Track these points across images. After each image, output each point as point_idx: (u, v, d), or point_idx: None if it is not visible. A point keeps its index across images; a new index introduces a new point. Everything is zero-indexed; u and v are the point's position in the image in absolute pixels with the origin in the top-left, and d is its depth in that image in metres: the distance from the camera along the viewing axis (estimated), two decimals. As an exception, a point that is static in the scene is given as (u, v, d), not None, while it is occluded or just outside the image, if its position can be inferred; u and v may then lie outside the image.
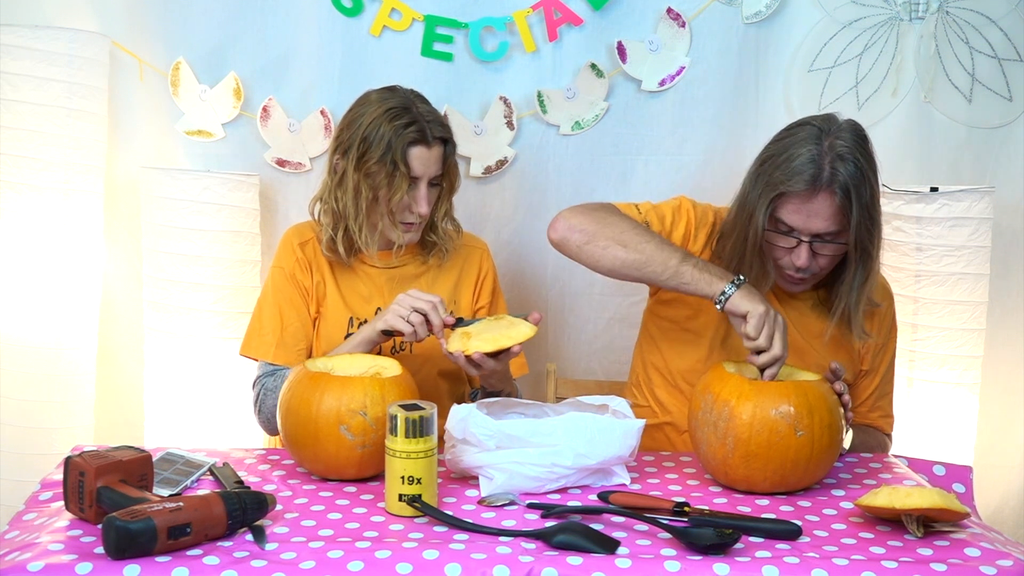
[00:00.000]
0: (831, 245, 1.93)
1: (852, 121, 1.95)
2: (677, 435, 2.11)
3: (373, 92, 2.10)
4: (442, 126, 2.08)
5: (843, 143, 1.89)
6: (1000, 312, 2.60)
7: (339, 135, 2.10)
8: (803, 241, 1.92)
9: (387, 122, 2.02)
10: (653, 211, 2.08)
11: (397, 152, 2.01)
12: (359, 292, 2.13)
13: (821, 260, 1.95)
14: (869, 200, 1.89)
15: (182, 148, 2.55)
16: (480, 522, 1.56)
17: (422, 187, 2.06)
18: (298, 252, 2.13)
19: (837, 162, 1.87)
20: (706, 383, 1.78)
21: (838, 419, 1.73)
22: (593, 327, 2.63)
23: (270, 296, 2.13)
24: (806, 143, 1.90)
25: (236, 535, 1.48)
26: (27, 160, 2.37)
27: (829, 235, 1.92)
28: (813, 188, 1.88)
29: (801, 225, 1.91)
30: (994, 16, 2.53)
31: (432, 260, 2.17)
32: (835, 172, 1.87)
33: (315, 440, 1.71)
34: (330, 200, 2.09)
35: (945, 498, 1.53)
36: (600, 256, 1.97)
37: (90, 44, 2.40)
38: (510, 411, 1.85)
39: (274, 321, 2.10)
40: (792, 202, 1.91)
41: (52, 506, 1.62)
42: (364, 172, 2.04)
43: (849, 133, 1.91)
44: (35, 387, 2.41)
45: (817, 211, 1.90)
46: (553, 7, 2.49)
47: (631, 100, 2.55)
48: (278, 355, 2.08)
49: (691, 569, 1.42)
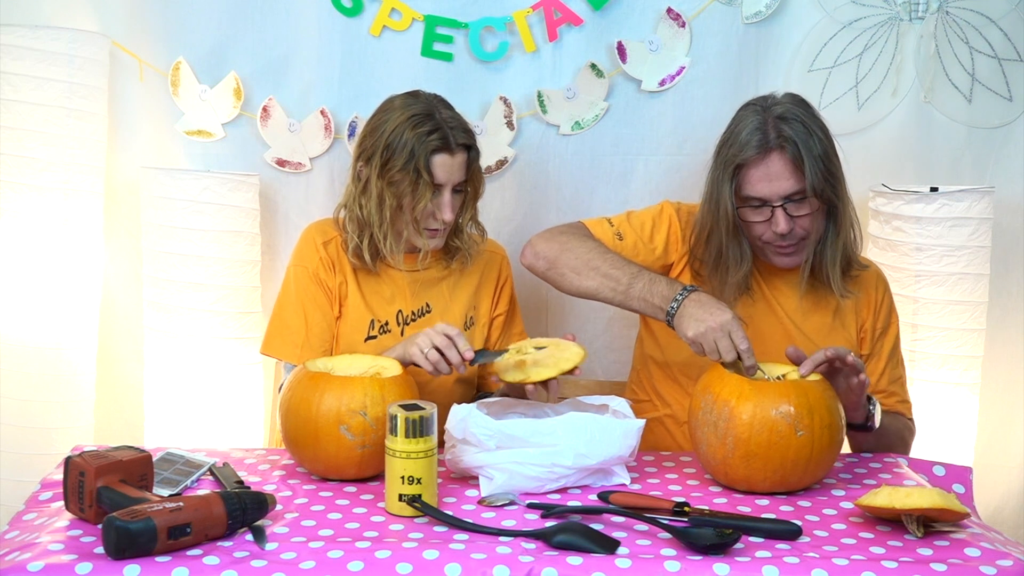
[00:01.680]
0: (801, 204, 1.97)
1: (790, 92, 2.05)
2: (676, 427, 2.13)
3: (397, 98, 2.09)
4: (465, 132, 2.06)
5: (782, 107, 1.99)
6: (1000, 312, 2.60)
7: (362, 142, 2.08)
8: (775, 207, 1.97)
9: (410, 129, 2.01)
10: (627, 222, 2.12)
11: (420, 160, 2.00)
12: (381, 294, 2.12)
13: (802, 222, 1.98)
14: (821, 153, 1.96)
15: (182, 148, 2.55)
16: (480, 522, 1.56)
17: (446, 194, 2.04)
18: (321, 251, 2.11)
19: (780, 123, 1.96)
20: (706, 383, 1.78)
21: (838, 419, 1.73)
22: (593, 327, 2.63)
23: (293, 295, 2.10)
24: (749, 117, 2.00)
25: (236, 535, 1.48)
26: (27, 160, 2.37)
27: (797, 194, 1.96)
28: (764, 151, 1.96)
29: (767, 192, 1.97)
30: (994, 16, 2.53)
31: (455, 265, 2.16)
32: (780, 131, 1.96)
33: (315, 440, 1.71)
34: (354, 207, 2.07)
35: (945, 498, 1.53)
36: (561, 283, 2.05)
37: (90, 44, 2.40)
38: (510, 411, 1.85)
39: (298, 321, 2.08)
40: (751, 172, 1.97)
41: (52, 506, 1.62)
42: (388, 180, 2.03)
43: (787, 98, 2.02)
44: (35, 387, 2.41)
45: (776, 173, 1.96)
46: (553, 7, 2.49)
47: (631, 100, 2.55)
48: (303, 356, 2.04)
49: (691, 569, 1.42)
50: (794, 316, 2.08)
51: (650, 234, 2.11)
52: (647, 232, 2.11)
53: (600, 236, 2.08)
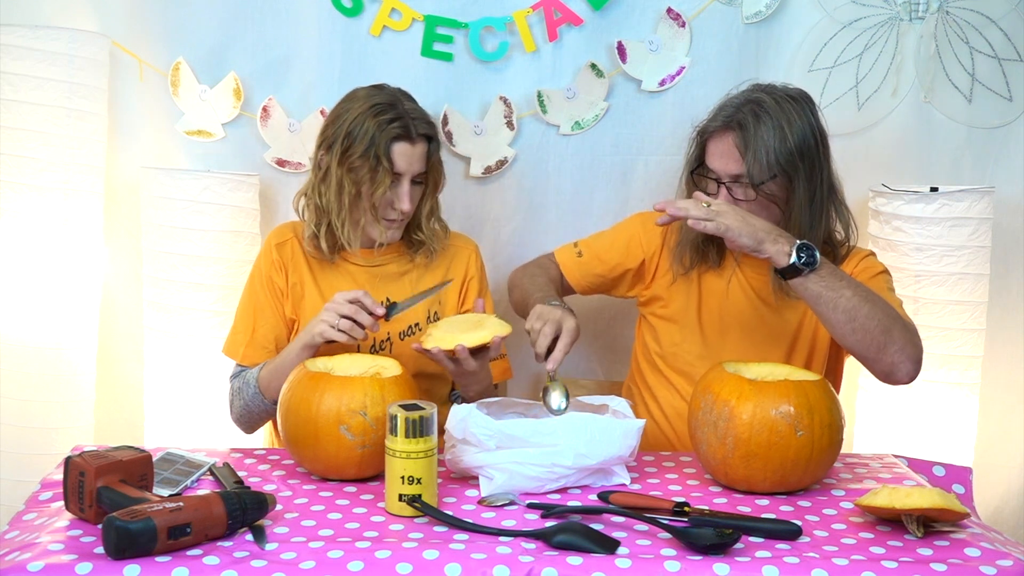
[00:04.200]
0: (747, 190, 1.96)
1: (798, 87, 2.05)
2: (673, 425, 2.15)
3: (361, 89, 2.11)
4: (427, 123, 2.08)
5: (768, 95, 1.99)
6: (1000, 312, 2.60)
7: (324, 131, 2.10)
8: (721, 183, 1.99)
9: (371, 117, 2.02)
10: (596, 239, 2.26)
11: (380, 147, 2.01)
12: (340, 288, 2.10)
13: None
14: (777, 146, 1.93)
15: (182, 148, 2.55)
16: (480, 522, 1.56)
17: (404, 184, 2.05)
18: (274, 254, 2.14)
19: (749, 105, 1.97)
20: (706, 383, 1.78)
21: (838, 419, 1.73)
22: (593, 327, 2.63)
23: (246, 298, 2.15)
24: (740, 93, 2.03)
25: (236, 535, 1.49)
26: (27, 160, 2.37)
27: (742, 177, 1.97)
28: (724, 127, 1.98)
29: (716, 167, 2.00)
30: (994, 16, 2.53)
31: (419, 259, 2.17)
32: (740, 112, 1.96)
33: (315, 440, 1.71)
34: (314, 196, 2.09)
35: (945, 498, 1.53)
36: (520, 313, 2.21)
37: (90, 44, 2.40)
38: (510, 411, 1.85)
39: (247, 322, 2.12)
40: (710, 143, 2.01)
41: (52, 506, 1.62)
42: (347, 167, 2.04)
43: (783, 90, 2.02)
44: (35, 387, 2.41)
45: (724, 151, 1.98)
46: (553, 7, 2.49)
47: (631, 100, 2.55)
48: (246, 356, 2.10)
49: (691, 569, 1.42)
50: (761, 291, 2.11)
51: (608, 246, 2.22)
52: (605, 245, 2.23)
53: (562, 260, 2.26)
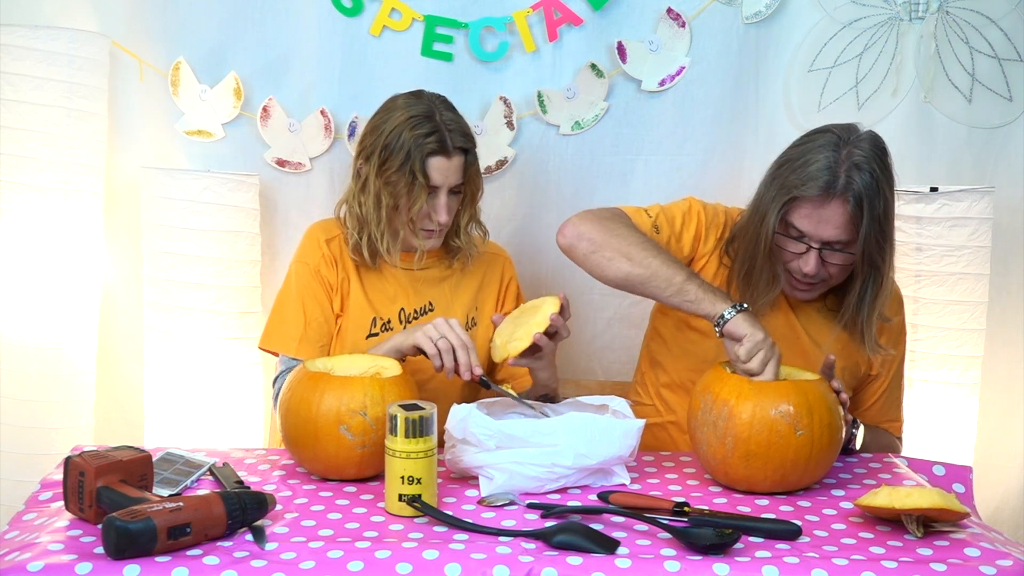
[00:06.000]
0: (840, 254, 1.92)
1: (873, 132, 1.95)
2: (680, 434, 2.12)
3: (399, 97, 2.10)
4: (464, 135, 2.06)
5: (861, 152, 1.89)
6: (1000, 312, 2.60)
7: (363, 140, 2.10)
8: (812, 247, 1.92)
9: (408, 130, 2.01)
10: (663, 213, 2.08)
11: (416, 162, 2.00)
12: (384, 291, 2.12)
13: (830, 268, 1.95)
14: (882, 213, 1.89)
15: (182, 148, 2.55)
16: (480, 522, 1.56)
17: (442, 196, 2.05)
18: (324, 248, 2.12)
19: (853, 171, 1.87)
20: (706, 383, 1.78)
21: (838, 419, 1.73)
22: (593, 327, 2.63)
23: (293, 290, 2.11)
24: (824, 149, 1.90)
25: (236, 535, 1.49)
26: (27, 160, 2.36)
27: (839, 244, 1.91)
28: (826, 194, 1.88)
29: (811, 231, 1.91)
30: (994, 16, 2.53)
31: (456, 264, 2.17)
32: (850, 180, 1.87)
33: (315, 440, 1.71)
34: (354, 204, 2.09)
35: (945, 498, 1.53)
36: (605, 267, 1.96)
37: (90, 44, 2.40)
38: (510, 411, 1.85)
39: (297, 315, 2.09)
40: (804, 207, 1.91)
41: (52, 506, 1.62)
42: (385, 180, 2.04)
43: (868, 144, 1.91)
44: (35, 387, 2.41)
45: (828, 218, 1.89)
46: (553, 7, 2.49)
47: (631, 100, 2.55)
48: (300, 350, 2.06)
49: (691, 569, 1.42)
50: (810, 328, 2.07)
51: (680, 231, 2.08)
52: (677, 228, 2.08)
53: (640, 226, 2.03)
